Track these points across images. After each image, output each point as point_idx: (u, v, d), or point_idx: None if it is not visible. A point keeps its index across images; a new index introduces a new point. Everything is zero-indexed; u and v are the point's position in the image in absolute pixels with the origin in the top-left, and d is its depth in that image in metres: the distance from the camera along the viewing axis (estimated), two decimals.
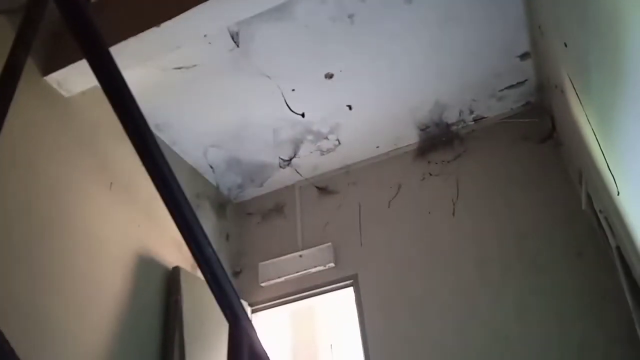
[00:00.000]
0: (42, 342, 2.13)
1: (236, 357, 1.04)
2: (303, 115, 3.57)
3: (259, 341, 1.20)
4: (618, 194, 2.05)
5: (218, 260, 1.18)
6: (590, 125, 2.17)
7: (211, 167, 3.98)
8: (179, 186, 1.24)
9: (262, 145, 3.86)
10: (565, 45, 2.20)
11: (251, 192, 4.34)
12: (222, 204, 4.15)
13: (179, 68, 3.11)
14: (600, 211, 2.67)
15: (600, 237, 2.88)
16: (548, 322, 2.95)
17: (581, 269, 3.02)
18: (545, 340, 2.91)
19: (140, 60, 2.72)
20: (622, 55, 1.51)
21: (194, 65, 3.11)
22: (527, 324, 2.99)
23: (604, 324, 2.81)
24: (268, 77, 3.26)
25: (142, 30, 2.47)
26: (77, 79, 2.68)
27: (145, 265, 2.94)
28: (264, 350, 1.19)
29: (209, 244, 1.17)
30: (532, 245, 3.21)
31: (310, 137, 3.83)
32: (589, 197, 2.85)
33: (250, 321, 1.20)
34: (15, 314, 2.04)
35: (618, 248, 2.51)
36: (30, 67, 2.55)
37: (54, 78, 2.66)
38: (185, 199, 1.23)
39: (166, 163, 1.25)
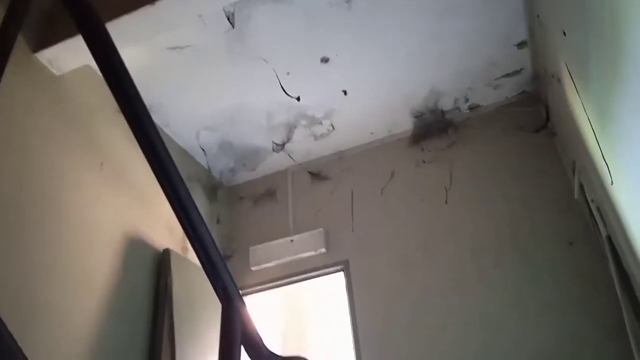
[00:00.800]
0: (33, 323, 2.12)
1: (229, 336, 1.03)
2: (298, 98, 3.54)
3: (252, 321, 1.19)
4: (612, 184, 2.06)
5: (212, 239, 1.17)
6: (587, 114, 2.16)
7: (203, 149, 3.95)
8: (174, 165, 1.22)
9: (255, 129, 3.82)
10: (564, 34, 2.19)
11: (243, 176, 4.32)
12: (213, 188, 4.12)
13: (173, 48, 3.06)
14: (592, 200, 2.68)
15: (592, 226, 2.90)
16: (542, 311, 2.96)
17: (572, 258, 3.03)
18: (540, 329, 2.91)
19: (133, 39, 2.67)
20: (622, 46, 1.50)
21: (188, 46, 3.06)
22: (521, 313, 3.00)
23: (595, 313, 2.83)
24: (263, 59, 3.22)
25: (136, 8, 2.41)
26: (68, 57, 2.64)
27: (136, 247, 2.92)
28: (257, 331, 1.19)
29: (203, 223, 1.16)
30: (524, 234, 3.22)
31: (304, 122, 3.80)
32: (581, 187, 2.86)
33: (243, 301, 1.19)
34: (4, 295, 2.02)
35: (609, 237, 2.53)
36: (20, 44, 2.50)
37: (45, 56, 2.61)
38: (180, 178, 1.22)
39: (161, 141, 1.24)
